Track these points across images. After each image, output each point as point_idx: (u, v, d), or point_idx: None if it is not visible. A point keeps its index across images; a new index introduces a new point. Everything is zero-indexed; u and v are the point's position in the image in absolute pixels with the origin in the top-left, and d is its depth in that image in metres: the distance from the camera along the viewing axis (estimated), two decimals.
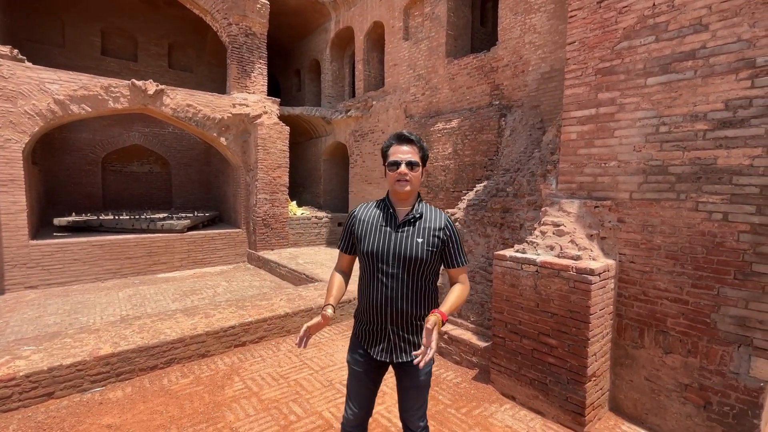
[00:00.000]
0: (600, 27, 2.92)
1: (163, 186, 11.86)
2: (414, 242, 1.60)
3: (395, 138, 1.65)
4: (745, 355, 2.30)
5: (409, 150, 1.60)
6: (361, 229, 1.69)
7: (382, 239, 1.63)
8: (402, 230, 1.62)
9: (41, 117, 6.47)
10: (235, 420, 2.74)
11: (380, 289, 1.62)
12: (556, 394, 2.74)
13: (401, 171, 1.58)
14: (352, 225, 1.74)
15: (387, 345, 1.67)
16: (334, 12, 10.51)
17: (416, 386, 1.69)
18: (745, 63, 2.27)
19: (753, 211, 2.26)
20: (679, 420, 2.57)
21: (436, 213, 1.68)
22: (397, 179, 1.59)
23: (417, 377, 1.67)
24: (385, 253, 1.61)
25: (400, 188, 1.60)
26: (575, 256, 2.75)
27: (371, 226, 1.67)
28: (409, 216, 1.64)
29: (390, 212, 1.67)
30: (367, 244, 1.65)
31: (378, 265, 1.63)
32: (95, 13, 10.39)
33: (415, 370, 1.65)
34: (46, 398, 2.95)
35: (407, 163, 1.58)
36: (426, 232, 1.62)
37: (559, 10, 5.44)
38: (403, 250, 1.60)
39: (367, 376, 1.74)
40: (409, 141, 1.62)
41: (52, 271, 6.84)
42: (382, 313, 1.64)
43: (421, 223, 1.63)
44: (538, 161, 4.17)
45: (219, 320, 3.98)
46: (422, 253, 1.59)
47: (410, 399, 1.72)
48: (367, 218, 1.70)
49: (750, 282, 2.27)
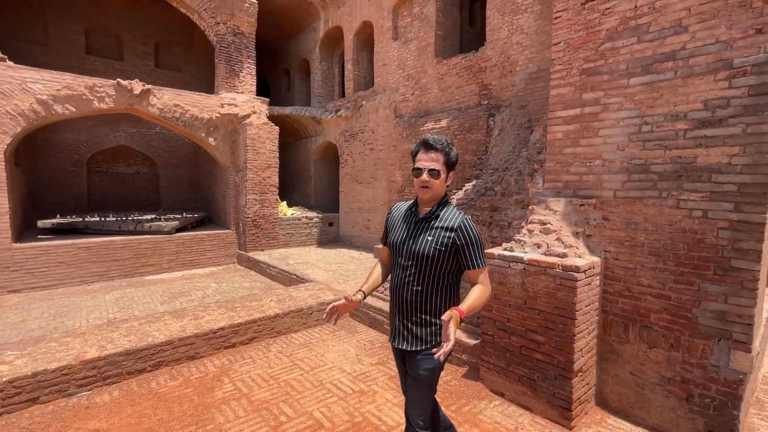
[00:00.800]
0: (584, 28, 2.97)
1: (151, 187, 11.69)
2: (424, 240, 1.71)
3: (422, 144, 1.74)
4: (725, 348, 2.37)
5: (433, 157, 1.69)
6: (392, 223, 1.90)
7: (403, 234, 1.80)
8: (418, 227, 1.76)
9: (23, 117, 6.33)
10: (225, 422, 2.73)
11: (395, 279, 1.82)
12: (544, 389, 2.78)
13: (423, 179, 1.70)
14: (388, 219, 1.95)
15: (396, 332, 1.83)
16: (323, 11, 10.48)
17: (415, 378, 1.76)
18: (723, 64, 2.34)
19: (731, 208, 2.32)
20: (662, 413, 2.63)
21: (453, 214, 1.74)
22: (420, 185, 1.72)
23: (416, 369, 1.74)
24: (402, 246, 1.78)
25: (422, 194, 1.74)
26: (561, 254, 2.79)
27: (398, 221, 1.87)
28: (426, 216, 1.76)
29: (413, 210, 1.84)
30: (392, 237, 1.86)
31: (396, 257, 1.82)
32: (79, 10, 10.19)
33: (415, 361, 1.74)
34: (30, 403, 2.90)
35: (429, 171, 1.68)
36: (437, 232, 1.71)
37: (545, 11, 5.51)
38: (414, 246, 1.73)
39: (397, 358, 1.92)
40: (434, 148, 1.69)
41: (36, 274, 6.71)
42: (394, 299, 1.82)
43: (435, 222, 1.73)
44: (526, 160, 4.22)
45: (208, 322, 3.95)
46: (430, 251, 1.69)
47: (410, 389, 1.80)
48: (397, 214, 1.90)
49: (729, 277, 2.34)
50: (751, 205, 2.25)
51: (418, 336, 1.74)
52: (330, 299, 4.82)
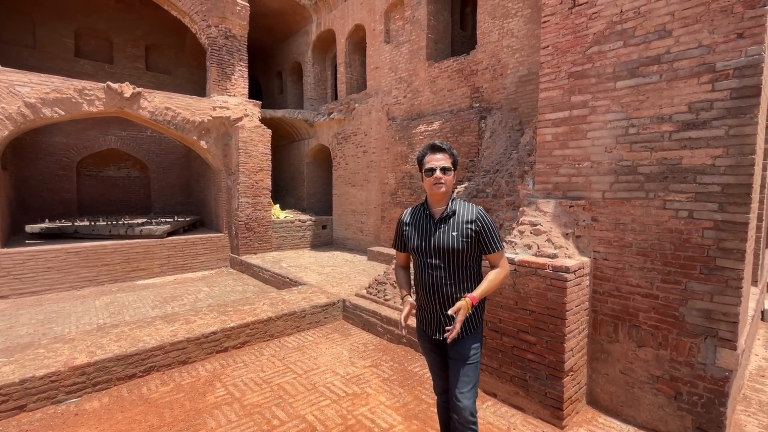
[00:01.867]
0: (572, 32, 3.01)
1: (142, 190, 11.59)
2: (450, 236, 1.86)
3: (429, 148, 1.92)
4: (711, 346, 2.41)
5: (441, 157, 1.88)
6: (407, 232, 2.02)
7: (424, 237, 1.93)
8: (440, 227, 1.90)
9: (11, 121, 6.25)
10: (217, 426, 2.71)
11: (428, 279, 1.91)
12: (536, 389, 2.80)
13: (437, 176, 1.86)
14: (401, 229, 2.07)
15: (439, 326, 1.93)
16: (315, 14, 10.50)
17: (462, 359, 1.89)
18: (706, 67, 2.39)
19: (716, 208, 2.37)
20: (652, 411, 2.66)
21: (468, 207, 1.92)
22: (434, 183, 1.87)
23: (467, 351, 1.90)
24: (428, 248, 1.91)
25: (436, 190, 1.88)
26: (552, 255, 2.82)
27: (414, 227, 1.99)
28: (444, 214, 1.90)
29: (427, 214, 1.97)
30: (414, 243, 1.96)
31: (424, 260, 1.92)
32: (68, 13, 10.10)
33: (462, 345, 1.89)
34: (18, 411, 2.86)
35: (441, 169, 1.86)
36: (460, 226, 1.87)
37: (535, 14, 5.57)
38: (442, 244, 1.87)
39: (433, 352, 2.02)
40: (442, 150, 1.89)
41: (24, 279, 6.60)
42: (433, 299, 1.92)
43: (455, 218, 1.89)
44: (517, 162, 4.26)
45: (200, 326, 3.92)
46: (458, 244, 1.85)
47: (455, 371, 1.91)
48: (411, 222, 2.02)
49: (714, 276, 2.38)
50: (734, 206, 2.30)
51: (465, 324, 1.87)
52: (323, 302, 4.81)
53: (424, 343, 2.06)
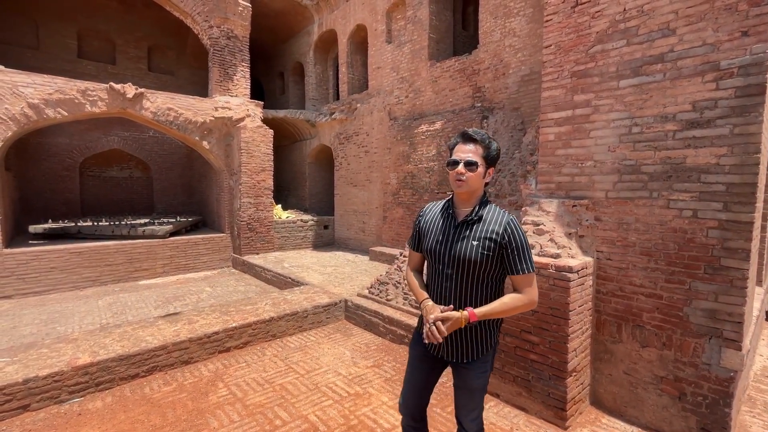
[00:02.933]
0: (574, 31, 3.00)
1: (144, 191, 11.62)
2: (469, 245, 1.56)
3: (460, 136, 1.63)
4: (716, 346, 2.39)
5: (471, 149, 1.57)
6: (424, 227, 1.73)
7: (440, 239, 1.64)
8: (460, 232, 1.60)
9: (14, 122, 6.27)
10: (219, 426, 2.71)
11: (439, 289, 1.64)
12: (539, 390, 2.79)
13: (458, 170, 1.56)
14: (418, 222, 1.78)
15: (443, 342, 1.65)
16: (317, 15, 10.51)
17: (469, 388, 1.68)
18: (710, 66, 2.37)
19: (720, 207, 2.35)
20: (656, 411, 2.65)
21: (498, 215, 1.60)
22: (455, 179, 1.59)
23: (471, 380, 1.66)
24: (442, 253, 1.63)
25: (457, 188, 1.61)
26: (555, 255, 2.81)
27: (432, 225, 1.70)
28: (468, 218, 1.60)
29: (450, 212, 1.67)
30: (427, 242, 1.68)
31: (436, 265, 1.65)
32: (70, 14, 10.13)
33: (466, 371, 1.66)
34: (21, 411, 2.86)
35: (466, 163, 1.56)
36: (482, 235, 1.56)
37: (537, 14, 5.56)
38: (457, 252, 1.58)
39: (422, 363, 1.75)
40: (473, 140, 1.58)
41: (27, 280, 6.63)
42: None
43: (479, 225, 1.59)
44: (519, 162, 4.25)
45: (202, 326, 3.93)
46: (476, 256, 1.55)
47: (461, 398, 1.72)
48: (431, 217, 1.73)
49: (719, 276, 2.36)
50: (739, 205, 2.28)
51: (473, 347, 1.63)
52: (325, 302, 4.81)
53: (415, 350, 1.78)
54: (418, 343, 1.77)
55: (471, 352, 1.64)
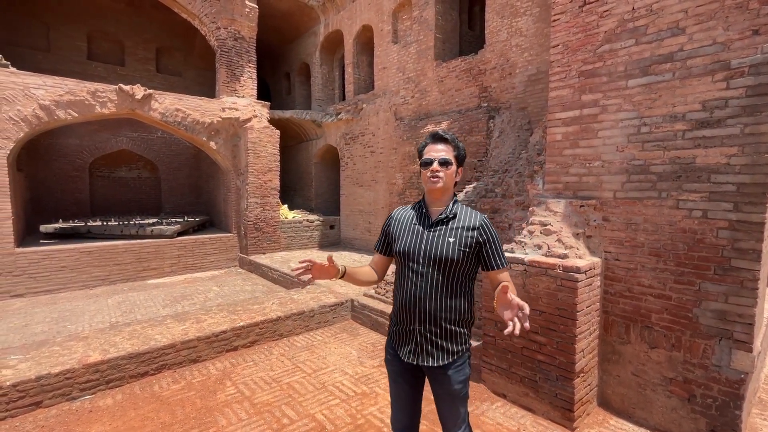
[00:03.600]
0: (582, 30, 2.99)
1: (153, 191, 11.74)
2: (446, 242, 1.58)
3: (431, 137, 1.66)
4: (726, 348, 2.37)
5: (443, 149, 1.62)
6: (396, 229, 1.71)
7: (414, 238, 1.63)
8: (434, 230, 1.62)
9: (26, 123, 6.38)
10: (228, 424, 2.74)
11: (410, 288, 1.61)
12: (546, 390, 2.78)
13: (433, 168, 1.59)
14: (388, 225, 1.77)
15: (414, 347, 1.63)
16: (323, 15, 10.54)
17: (449, 394, 1.63)
18: (720, 65, 2.35)
19: (731, 208, 2.33)
20: (664, 413, 2.63)
21: (471, 213, 1.65)
22: (430, 177, 1.61)
23: (449, 385, 1.62)
24: (415, 252, 1.61)
25: (432, 185, 1.61)
26: (562, 255, 2.80)
27: (405, 225, 1.69)
28: (442, 215, 1.62)
29: (423, 212, 1.68)
30: (400, 243, 1.66)
31: (409, 264, 1.63)
32: (80, 17, 10.27)
33: (445, 376, 1.62)
34: (34, 407, 2.91)
35: (440, 161, 1.60)
36: (459, 232, 1.59)
37: (544, 13, 5.53)
38: (433, 250, 1.58)
39: (401, 378, 1.71)
40: (444, 140, 1.63)
41: (38, 278, 6.73)
42: (411, 312, 1.62)
43: (454, 222, 1.61)
44: (526, 162, 4.23)
45: (210, 325, 3.96)
46: (454, 253, 1.56)
47: (443, 407, 1.67)
48: (402, 219, 1.72)
49: (729, 277, 2.34)
50: (750, 205, 2.26)
51: (445, 348, 1.60)
52: (332, 302, 4.83)
53: (392, 366, 1.72)
54: (394, 358, 1.72)
55: (447, 353, 1.61)
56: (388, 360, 1.75)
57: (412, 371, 1.69)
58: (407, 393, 1.72)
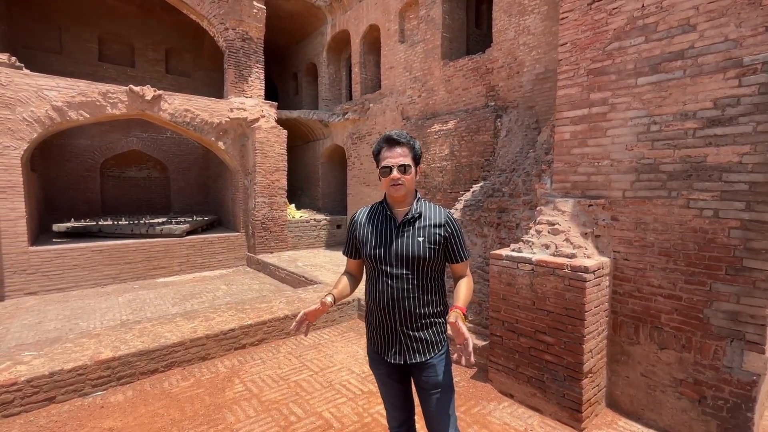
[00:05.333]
0: (591, 28, 2.96)
1: (162, 191, 11.88)
2: (415, 241, 1.60)
3: (385, 141, 1.63)
4: (738, 349, 2.34)
5: (400, 153, 1.59)
6: (362, 234, 1.69)
7: (384, 241, 1.63)
8: (402, 231, 1.62)
9: (39, 124, 6.49)
10: (236, 421, 2.77)
11: (386, 291, 1.62)
12: (554, 391, 2.77)
13: (393, 176, 1.58)
14: (354, 230, 1.74)
15: (399, 347, 1.64)
16: (330, 16, 10.57)
17: (436, 387, 1.65)
18: (732, 62, 2.32)
19: (743, 207, 2.30)
20: (674, 415, 2.60)
21: (436, 210, 1.68)
22: (391, 184, 1.59)
23: (435, 377, 1.64)
24: (387, 255, 1.61)
25: (395, 192, 1.61)
26: (570, 255, 2.78)
27: (371, 229, 1.67)
28: (408, 216, 1.63)
29: (388, 214, 1.67)
30: (369, 248, 1.65)
31: (382, 268, 1.62)
32: (92, 19, 10.43)
33: (430, 369, 1.64)
34: (47, 403, 2.97)
35: (399, 167, 1.58)
36: (427, 230, 1.61)
37: (552, 11, 5.49)
38: (405, 251, 1.59)
39: (391, 378, 1.72)
40: (399, 143, 1.60)
41: (51, 277, 6.85)
42: (391, 314, 1.62)
43: (420, 221, 1.63)
44: (533, 161, 4.21)
45: (219, 323, 4.01)
46: (424, 252, 1.59)
47: (432, 404, 1.66)
48: (367, 222, 1.70)
49: (741, 277, 2.31)
50: (763, 204, 2.23)
51: (426, 341, 1.64)
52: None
53: (378, 369, 1.73)
54: (377, 362, 1.72)
55: (431, 345, 1.65)
56: (374, 364, 1.75)
57: (399, 369, 1.71)
58: (399, 390, 1.75)
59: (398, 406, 1.76)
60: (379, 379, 1.76)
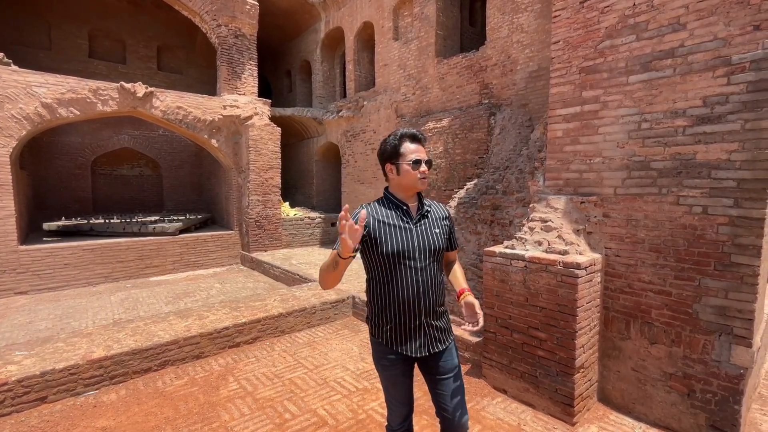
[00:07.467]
0: (583, 27, 2.98)
1: (154, 189, 11.77)
2: (434, 233, 1.70)
3: (410, 137, 1.66)
4: (726, 343, 2.38)
5: (423, 149, 1.70)
6: (379, 231, 1.61)
7: (406, 236, 1.63)
8: (420, 224, 1.69)
9: (28, 121, 6.40)
10: (230, 419, 2.76)
11: (411, 285, 1.62)
12: (546, 386, 2.80)
13: (422, 170, 1.66)
14: (368, 225, 1.61)
15: (424, 339, 1.67)
16: (323, 13, 10.52)
17: (452, 371, 1.72)
18: (721, 61, 2.35)
19: (731, 204, 2.33)
20: (664, 408, 2.64)
21: (437, 204, 1.84)
22: (420, 177, 1.66)
23: (452, 361, 1.73)
24: (410, 249, 1.63)
25: (422, 185, 1.69)
26: (562, 251, 2.81)
27: (389, 227, 1.63)
28: (422, 210, 1.73)
29: (404, 209, 1.68)
30: (390, 245, 1.60)
31: (405, 262, 1.62)
32: (82, 15, 10.28)
33: (447, 354, 1.73)
34: (39, 403, 2.94)
35: (426, 162, 1.68)
36: (439, 222, 1.75)
37: (545, 9, 5.52)
38: (427, 243, 1.67)
39: (405, 376, 1.73)
40: (421, 140, 1.70)
41: (42, 276, 6.78)
42: (416, 307, 1.64)
43: (432, 214, 1.74)
44: (527, 159, 4.24)
45: (213, 322, 3.99)
46: (442, 242, 1.72)
47: (451, 385, 1.71)
48: (382, 220, 1.64)
49: (729, 273, 2.35)
50: (750, 201, 2.26)
51: (443, 329, 1.74)
52: (333, 299, 4.85)
53: (393, 369, 1.69)
54: (393, 361, 1.68)
55: (448, 332, 1.78)
56: (388, 364, 1.69)
57: (411, 364, 1.75)
58: (408, 386, 1.77)
59: (405, 402, 1.78)
60: (390, 379, 1.72)
